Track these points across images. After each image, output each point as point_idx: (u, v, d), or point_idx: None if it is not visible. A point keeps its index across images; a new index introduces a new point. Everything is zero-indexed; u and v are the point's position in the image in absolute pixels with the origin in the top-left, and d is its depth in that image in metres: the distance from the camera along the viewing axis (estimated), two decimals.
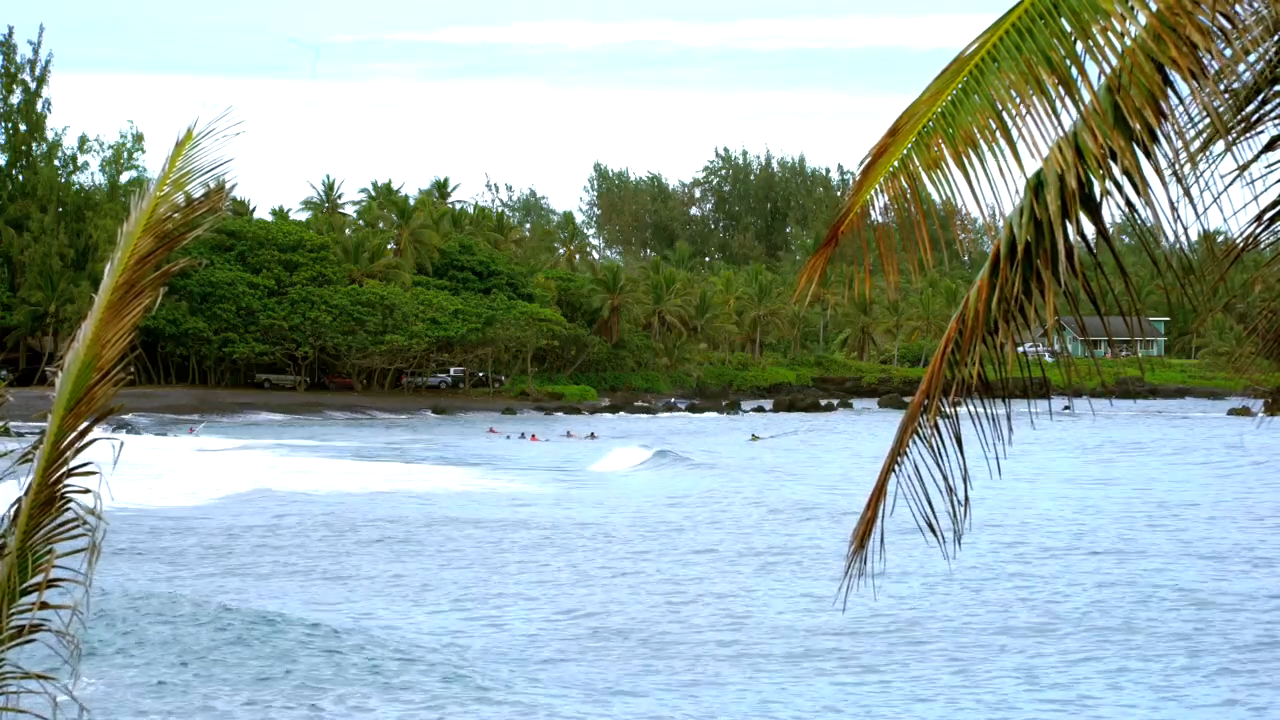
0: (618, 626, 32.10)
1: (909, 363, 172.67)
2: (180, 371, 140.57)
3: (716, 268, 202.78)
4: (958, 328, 7.80)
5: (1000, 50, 7.49)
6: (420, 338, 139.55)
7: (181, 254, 7.64)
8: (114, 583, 35.48)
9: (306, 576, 39.31)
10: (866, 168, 7.75)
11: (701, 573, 39.87)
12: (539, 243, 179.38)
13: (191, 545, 44.90)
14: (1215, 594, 35.77)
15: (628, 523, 50.82)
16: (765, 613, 33.75)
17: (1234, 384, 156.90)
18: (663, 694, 26.15)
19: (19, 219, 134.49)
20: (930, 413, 7.90)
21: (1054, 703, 25.77)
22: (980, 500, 8.39)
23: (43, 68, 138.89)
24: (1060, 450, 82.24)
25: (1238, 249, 8.09)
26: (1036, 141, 7.46)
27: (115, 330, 7.41)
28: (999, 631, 31.49)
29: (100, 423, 7.44)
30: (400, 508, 55.24)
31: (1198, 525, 49.66)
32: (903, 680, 27.24)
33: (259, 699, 25.36)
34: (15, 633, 7.36)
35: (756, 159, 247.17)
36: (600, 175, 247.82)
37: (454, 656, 28.82)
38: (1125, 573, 39.28)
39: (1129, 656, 29.05)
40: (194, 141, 7.45)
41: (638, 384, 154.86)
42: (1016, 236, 7.58)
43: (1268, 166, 7.77)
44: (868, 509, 8.14)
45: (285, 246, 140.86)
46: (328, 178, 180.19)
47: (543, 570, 40.40)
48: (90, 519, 7.40)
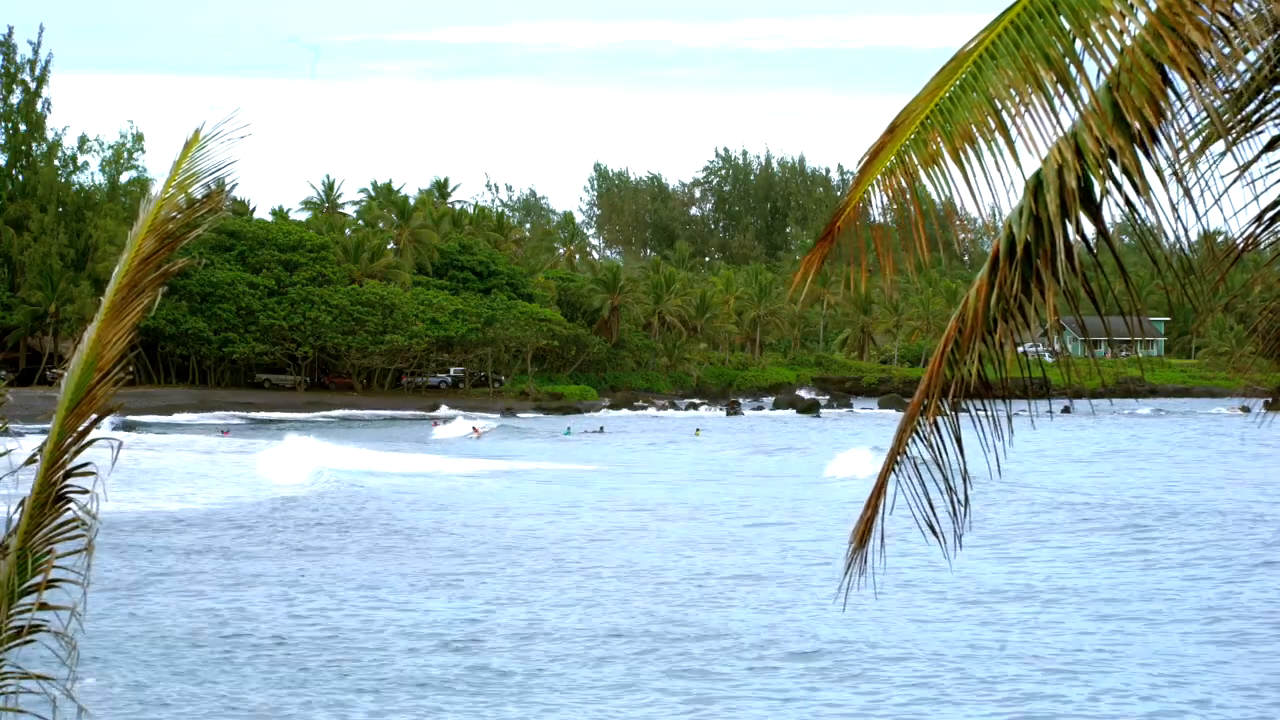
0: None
1: (909, 363, 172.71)
2: (180, 371, 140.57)
3: (716, 268, 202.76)
4: (957, 327, 7.80)
5: (999, 47, 7.48)
6: (420, 338, 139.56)
7: (182, 254, 7.66)
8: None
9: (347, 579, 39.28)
10: (865, 165, 7.74)
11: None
12: (539, 243, 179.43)
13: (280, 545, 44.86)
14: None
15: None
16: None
17: (1234, 384, 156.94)
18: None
19: (19, 219, 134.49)
20: (929, 412, 7.90)
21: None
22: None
23: (43, 68, 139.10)
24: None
25: (1238, 249, 8.09)
26: (1035, 139, 7.45)
27: (115, 331, 7.43)
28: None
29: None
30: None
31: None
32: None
33: (267, 699, 25.36)
34: (15, 633, 7.37)
35: (756, 159, 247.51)
36: (600, 175, 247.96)
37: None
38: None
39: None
40: (200, 143, 7.47)
41: (638, 384, 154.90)
42: (1016, 236, 7.57)
43: (1268, 166, 7.76)
44: (867, 508, 8.13)
45: (285, 246, 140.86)
46: (328, 178, 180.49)
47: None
48: (87, 519, 7.41)
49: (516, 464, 77.38)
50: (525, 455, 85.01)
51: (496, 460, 79.73)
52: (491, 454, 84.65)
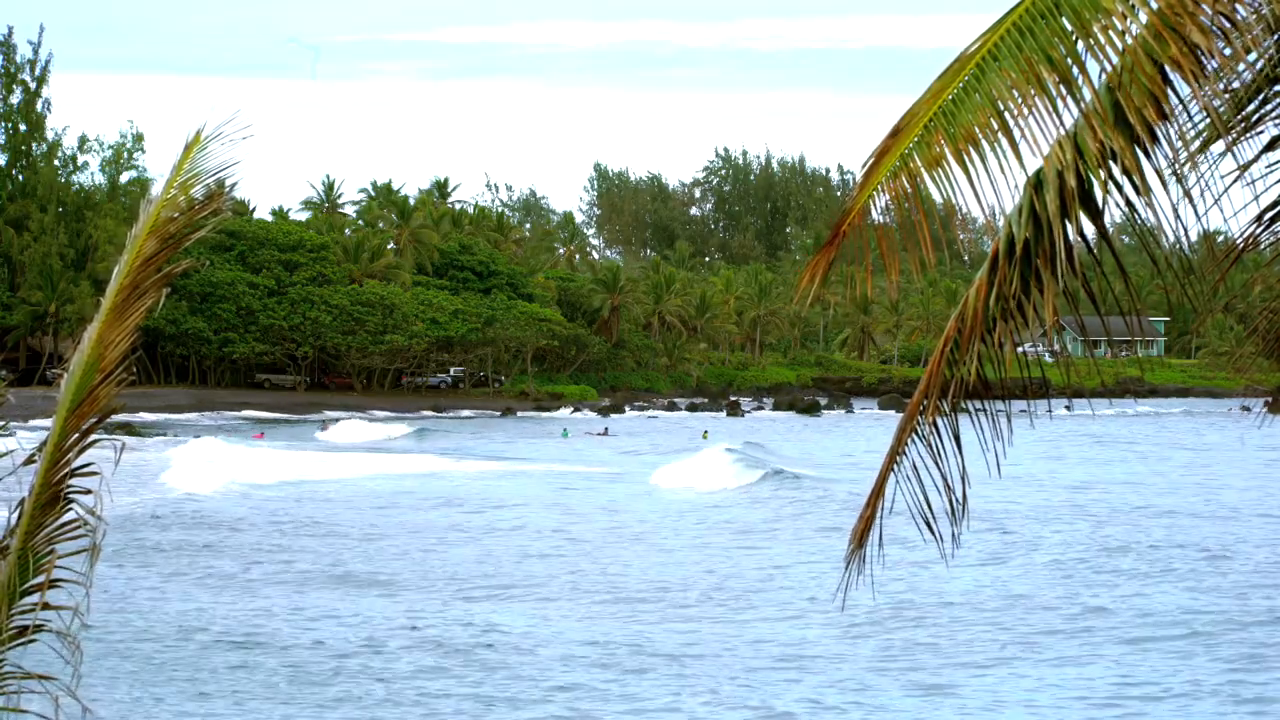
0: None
1: (909, 363, 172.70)
2: (180, 371, 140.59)
3: (716, 268, 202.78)
4: (957, 327, 7.81)
5: (1001, 49, 7.49)
6: (420, 338, 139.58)
7: (182, 255, 7.66)
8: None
9: (347, 578, 39.24)
10: (869, 168, 7.75)
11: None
12: (539, 243, 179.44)
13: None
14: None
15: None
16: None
17: (1234, 384, 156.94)
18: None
19: (19, 219, 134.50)
20: (929, 412, 7.90)
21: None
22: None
23: (43, 68, 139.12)
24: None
25: (1238, 249, 8.09)
26: (1037, 140, 7.46)
27: (118, 332, 7.43)
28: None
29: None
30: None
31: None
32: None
33: (276, 698, 25.38)
34: (17, 633, 7.37)
35: (756, 159, 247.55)
36: (600, 175, 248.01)
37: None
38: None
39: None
40: (202, 145, 7.47)
41: (638, 384, 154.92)
42: (1016, 235, 7.58)
43: (1268, 166, 7.77)
44: (866, 508, 8.13)
45: (285, 246, 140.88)
46: (328, 178, 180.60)
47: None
48: (90, 519, 7.41)
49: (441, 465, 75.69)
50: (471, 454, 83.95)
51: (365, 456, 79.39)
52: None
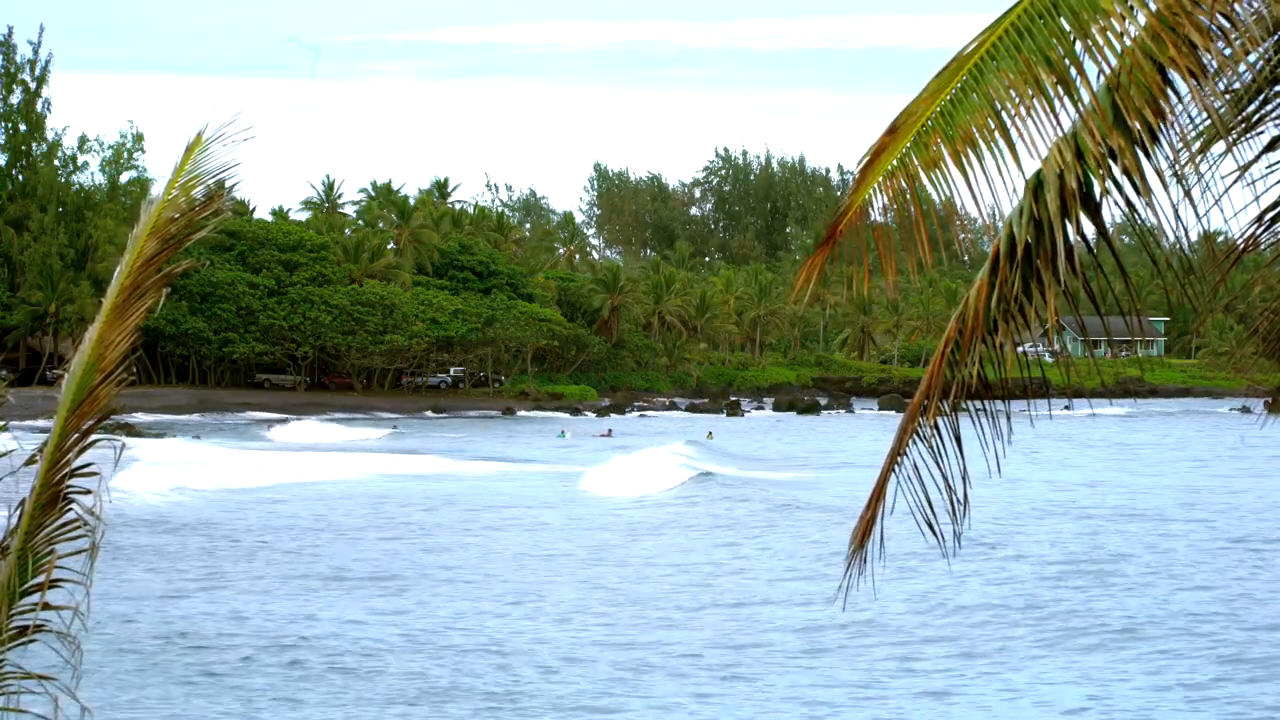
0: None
1: (909, 363, 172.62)
2: (180, 371, 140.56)
3: (716, 268, 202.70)
4: (957, 328, 7.80)
5: (999, 49, 7.48)
6: (420, 338, 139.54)
7: (183, 255, 7.67)
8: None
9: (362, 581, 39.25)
10: (865, 167, 7.75)
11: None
12: (539, 243, 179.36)
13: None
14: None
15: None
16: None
17: (1234, 384, 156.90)
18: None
19: (19, 219, 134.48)
20: (930, 413, 7.90)
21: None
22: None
23: (43, 68, 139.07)
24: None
25: (1238, 250, 8.09)
26: (1036, 141, 7.45)
27: (118, 332, 7.43)
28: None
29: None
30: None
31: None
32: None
33: (280, 699, 25.37)
34: (17, 633, 7.37)
35: (756, 159, 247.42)
36: (600, 175, 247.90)
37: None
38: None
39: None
40: (203, 146, 7.48)
41: (638, 384, 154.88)
42: (1016, 236, 7.58)
43: (1268, 167, 7.76)
44: (867, 509, 8.13)
45: (285, 246, 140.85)
46: (328, 178, 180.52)
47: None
48: (91, 519, 7.41)
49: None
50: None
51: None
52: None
